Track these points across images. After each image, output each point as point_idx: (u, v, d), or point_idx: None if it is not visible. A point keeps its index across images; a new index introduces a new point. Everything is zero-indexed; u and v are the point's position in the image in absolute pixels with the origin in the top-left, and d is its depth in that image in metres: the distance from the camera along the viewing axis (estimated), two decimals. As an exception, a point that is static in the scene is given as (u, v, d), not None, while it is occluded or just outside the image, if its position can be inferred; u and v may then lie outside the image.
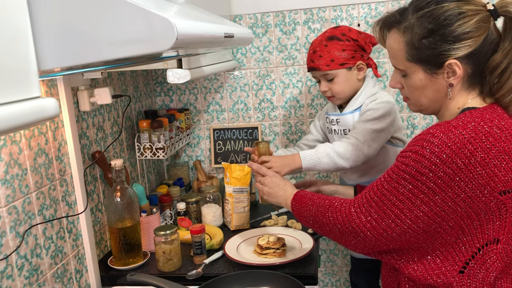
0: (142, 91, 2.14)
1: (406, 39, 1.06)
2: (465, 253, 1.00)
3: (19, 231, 1.23)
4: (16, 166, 1.23)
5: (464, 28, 1.00)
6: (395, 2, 2.05)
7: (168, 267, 1.56)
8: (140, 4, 0.78)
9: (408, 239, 1.03)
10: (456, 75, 1.04)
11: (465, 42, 1.01)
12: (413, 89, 1.11)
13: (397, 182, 1.01)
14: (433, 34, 1.02)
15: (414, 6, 1.07)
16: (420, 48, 1.04)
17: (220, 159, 2.29)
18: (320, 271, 2.37)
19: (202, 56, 1.67)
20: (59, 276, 1.40)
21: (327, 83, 1.65)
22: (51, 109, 0.75)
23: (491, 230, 0.98)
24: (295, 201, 1.30)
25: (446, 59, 1.03)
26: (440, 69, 1.05)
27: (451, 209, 0.97)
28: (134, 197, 1.57)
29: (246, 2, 2.14)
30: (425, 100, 1.11)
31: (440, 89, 1.08)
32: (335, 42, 1.62)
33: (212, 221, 1.88)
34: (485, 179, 0.95)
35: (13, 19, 0.70)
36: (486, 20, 1.02)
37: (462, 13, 1.01)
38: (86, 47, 0.81)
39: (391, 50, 1.13)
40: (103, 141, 1.71)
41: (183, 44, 0.84)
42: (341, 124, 1.70)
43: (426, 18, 1.03)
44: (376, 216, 1.04)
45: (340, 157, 1.54)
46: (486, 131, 0.96)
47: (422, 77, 1.07)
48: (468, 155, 0.94)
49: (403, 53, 1.08)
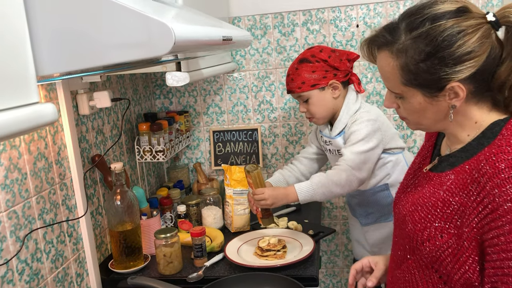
0: (141, 94, 2.14)
1: (401, 63, 0.96)
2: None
3: (19, 236, 1.23)
4: (15, 171, 1.23)
5: (465, 48, 0.90)
6: (393, 2, 2.05)
7: (169, 270, 1.56)
8: (138, 9, 0.78)
9: None
10: (459, 97, 0.94)
11: (467, 63, 0.91)
12: (412, 112, 1.02)
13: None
14: (431, 58, 0.92)
15: (407, 25, 0.96)
16: (418, 73, 0.94)
17: (220, 161, 2.29)
18: (321, 272, 2.37)
19: (201, 59, 1.67)
20: (60, 280, 1.40)
21: (303, 104, 1.71)
22: (49, 114, 0.75)
23: None
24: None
25: (447, 82, 0.93)
26: (441, 92, 0.95)
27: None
28: (134, 200, 1.57)
29: (244, 4, 2.14)
30: (426, 121, 1.02)
31: (442, 110, 0.98)
32: (304, 65, 1.67)
33: (213, 224, 1.88)
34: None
35: (11, 25, 0.70)
36: (488, 34, 0.92)
37: (461, 31, 0.91)
38: (84, 52, 0.81)
39: (383, 72, 1.02)
40: (102, 145, 1.71)
41: (181, 49, 0.84)
42: (334, 145, 1.73)
43: (422, 39, 0.93)
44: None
45: (335, 185, 1.57)
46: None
47: (421, 100, 0.98)
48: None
49: (398, 77, 0.98)
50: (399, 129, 2.16)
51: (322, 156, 1.89)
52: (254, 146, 2.25)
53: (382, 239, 1.77)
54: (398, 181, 1.72)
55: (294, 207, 2.04)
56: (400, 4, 2.05)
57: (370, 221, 1.78)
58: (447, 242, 0.94)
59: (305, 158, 1.88)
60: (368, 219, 1.79)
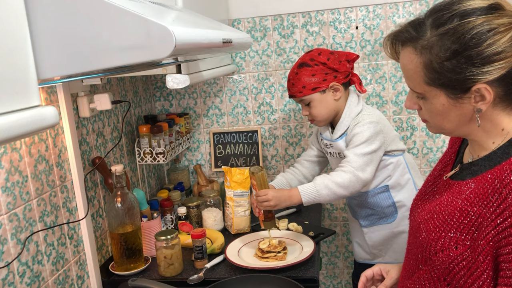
0: (141, 96, 2.14)
1: (425, 60, 0.91)
2: None
3: (20, 238, 1.23)
4: (16, 173, 1.23)
5: (495, 47, 0.84)
6: (393, 4, 2.05)
7: (169, 272, 1.57)
8: (138, 12, 0.79)
9: None
10: (486, 101, 0.89)
11: (496, 64, 0.85)
12: (434, 114, 0.96)
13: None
14: (457, 56, 0.86)
15: (433, 21, 0.91)
16: (442, 72, 0.89)
17: (220, 163, 2.29)
18: (321, 273, 2.37)
19: (201, 61, 1.68)
20: (61, 282, 1.40)
21: (306, 108, 1.72)
22: (51, 117, 0.75)
23: None
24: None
25: (473, 84, 0.87)
26: (466, 93, 0.89)
27: None
28: (134, 202, 1.57)
29: (244, 6, 2.15)
30: (449, 125, 0.96)
31: (466, 114, 0.92)
32: (304, 69, 1.67)
33: (213, 225, 1.88)
34: None
35: (12, 29, 0.71)
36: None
37: (492, 30, 0.85)
38: (85, 55, 0.81)
39: (406, 70, 0.97)
40: (103, 147, 1.71)
41: (182, 51, 0.84)
42: (335, 148, 1.74)
43: (449, 36, 0.87)
44: None
45: (338, 186, 1.57)
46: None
47: (444, 102, 0.92)
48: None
49: (421, 76, 0.92)
50: (399, 130, 2.16)
51: (324, 159, 1.90)
52: (254, 148, 2.25)
53: (382, 240, 1.77)
54: (399, 182, 1.74)
55: (294, 208, 2.04)
56: (399, 6, 2.05)
57: (371, 222, 1.79)
58: (462, 254, 0.90)
59: (307, 160, 1.89)
60: (369, 221, 1.79)
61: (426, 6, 2.03)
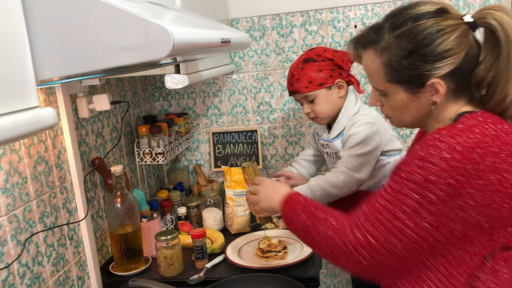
0: (140, 97, 2.14)
1: (384, 60, 1.01)
2: (472, 262, 0.95)
3: (20, 240, 1.23)
4: (16, 175, 1.23)
5: (445, 45, 0.96)
6: (391, 3, 2.05)
7: (169, 272, 1.57)
8: (136, 12, 0.79)
9: (410, 255, 0.96)
10: (439, 93, 1.00)
11: (446, 60, 0.97)
12: (395, 109, 1.07)
13: (402, 193, 0.94)
14: (412, 55, 0.98)
15: (390, 24, 1.01)
16: (400, 70, 1.00)
17: (220, 162, 2.29)
18: (322, 272, 2.37)
19: (199, 61, 1.68)
20: (61, 283, 1.40)
21: (308, 105, 1.67)
22: (49, 118, 0.76)
23: (501, 238, 0.94)
24: (286, 206, 1.18)
25: (428, 78, 0.98)
26: (422, 88, 1.00)
27: (459, 218, 0.92)
28: (134, 202, 1.57)
29: (242, 6, 2.14)
30: (408, 117, 1.07)
31: (423, 107, 1.03)
32: (311, 64, 1.64)
33: (213, 225, 1.88)
34: (495, 185, 0.90)
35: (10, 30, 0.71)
36: (466, 34, 0.98)
37: (441, 30, 0.97)
38: (83, 56, 0.81)
39: (368, 70, 1.08)
40: (102, 148, 1.71)
41: (180, 51, 0.84)
42: (331, 148, 1.73)
43: (404, 37, 0.98)
44: (377, 234, 0.96)
45: (333, 187, 1.56)
46: (493, 134, 0.92)
47: (403, 97, 1.03)
48: (478, 160, 0.89)
49: (382, 74, 1.03)
50: (399, 128, 2.16)
51: (321, 158, 1.90)
52: (253, 148, 2.25)
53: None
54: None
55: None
56: (398, 4, 2.05)
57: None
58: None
59: (304, 160, 1.89)
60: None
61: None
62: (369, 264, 0.98)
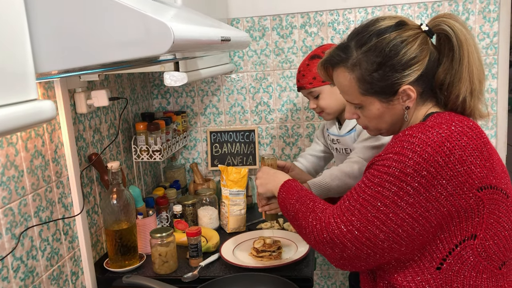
0: (139, 94, 2.14)
1: (357, 75, 1.09)
2: (443, 250, 1.02)
3: (15, 233, 1.23)
4: (12, 168, 1.23)
5: (410, 54, 1.04)
6: (391, 6, 2.06)
7: (164, 269, 1.56)
8: (137, 7, 0.79)
9: (390, 245, 1.01)
10: (411, 98, 1.08)
11: (413, 67, 1.05)
12: (372, 118, 1.14)
13: (380, 185, 1.01)
14: (383, 67, 1.05)
15: (356, 42, 1.09)
16: (373, 82, 1.07)
17: (216, 161, 2.29)
18: (316, 274, 2.37)
19: (199, 59, 1.68)
20: (55, 278, 1.40)
21: (314, 100, 1.70)
22: (48, 111, 0.75)
23: (470, 227, 1.00)
24: (283, 189, 1.26)
25: (399, 86, 1.06)
26: (395, 96, 1.08)
27: (434, 209, 0.98)
28: (130, 199, 1.57)
29: (243, 6, 2.15)
30: (385, 125, 1.15)
31: (397, 113, 1.11)
32: (316, 61, 1.66)
33: (209, 224, 1.88)
34: (464, 176, 0.98)
35: (11, 22, 0.71)
36: (425, 41, 1.07)
37: (404, 41, 1.05)
38: (83, 50, 0.81)
39: (342, 87, 1.15)
40: (99, 143, 1.71)
41: (180, 48, 0.84)
42: (342, 144, 1.73)
43: (372, 52, 1.06)
44: (358, 225, 1.01)
45: (348, 176, 1.57)
46: (459, 130, 1.00)
47: (379, 106, 1.10)
48: (447, 153, 0.97)
49: (356, 89, 1.10)
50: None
51: (328, 155, 1.90)
52: (251, 147, 2.25)
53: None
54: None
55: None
56: (398, 8, 2.06)
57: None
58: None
59: (311, 155, 1.89)
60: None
61: (424, 9, 2.04)
62: (354, 255, 1.03)
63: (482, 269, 1.02)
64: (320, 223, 1.07)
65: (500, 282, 1.04)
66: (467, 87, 1.06)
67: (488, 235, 1.02)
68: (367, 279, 1.17)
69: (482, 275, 1.02)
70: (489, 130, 2.12)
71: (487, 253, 1.02)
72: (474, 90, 1.07)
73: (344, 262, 1.06)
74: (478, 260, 1.02)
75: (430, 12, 2.05)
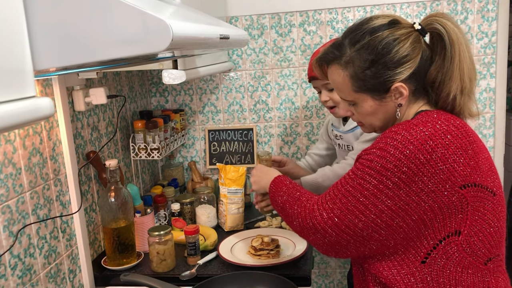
0: (137, 92, 2.14)
1: (350, 72, 1.11)
2: (427, 245, 1.04)
3: (13, 231, 1.23)
4: (10, 166, 1.23)
5: (402, 52, 1.06)
6: (390, 5, 2.06)
7: (162, 267, 1.56)
8: (135, 5, 0.78)
9: (369, 234, 1.05)
10: (403, 96, 1.10)
11: (405, 65, 1.07)
12: (365, 115, 1.16)
13: (362, 178, 1.04)
14: (375, 64, 1.08)
15: (350, 40, 1.11)
16: (366, 79, 1.09)
17: (215, 160, 2.29)
18: (313, 272, 2.37)
19: (197, 57, 1.68)
20: (53, 276, 1.40)
21: (328, 93, 1.63)
22: (46, 108, 0.75)
23: (453, 223, 1.03)
24: (273, 184, 1.32)
25: (391, 84, 1.08)
26: (387, 93, 1.10)
27: (414, 203, 1.01)
28: (128, 197, 1.57)
29: (242, 4, 2.14)
30: (378, 122, 1.17)
31: (390, 110, 1.13)
32: None
33: (207, 222, 1.88)
34: (446, 174, 1.00)
35: (9, 19, 0.70)
36: (418, 39, 1.09)
37: (396, 39, 1.07)
38: (81, 47, 0.81)
39: (336, 84, 1.17)
40: (97, 141, 1.71)
41: (179, 45, 0.84)
42: (344, 140, 1.73)
43: (365, 50, 1.08)
44: (339, 213, 1.06)
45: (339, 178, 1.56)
46: (444, 129, 1.03)
47: (372, 103, 1.13)
48: (429, 151, 0.99)
49: (349, 86, 1.13)
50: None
51: (333, 152, 1.90)
52: (249, 146, 2.25)
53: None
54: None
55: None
56: (397, 7, 2.06)
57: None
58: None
59: (316, 154, 1.90)
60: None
61: (423, 8, 2.04)
62: (335, 241, 1.08)
63: (467, 265, 1.04)
64: (305, 210, 1.13)
65: (487, 277, 1.06)
66: (458, 85, 1.08)
67: (473, 232, 1.04)
68: (357, 273, 1.20)
69: (467, 270, 1.04)
70: (487, 129, 2.12)
71: (472, 249, 1.04)
72: (464, 88, 1.09)
73: (327, 248, 1.11)
74: (463, 255, 1.04)
75: (429, 11, 2.05)
